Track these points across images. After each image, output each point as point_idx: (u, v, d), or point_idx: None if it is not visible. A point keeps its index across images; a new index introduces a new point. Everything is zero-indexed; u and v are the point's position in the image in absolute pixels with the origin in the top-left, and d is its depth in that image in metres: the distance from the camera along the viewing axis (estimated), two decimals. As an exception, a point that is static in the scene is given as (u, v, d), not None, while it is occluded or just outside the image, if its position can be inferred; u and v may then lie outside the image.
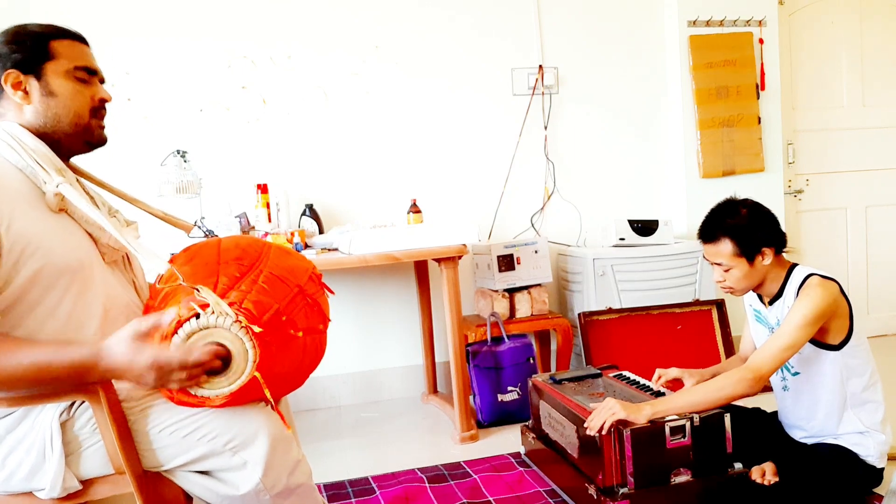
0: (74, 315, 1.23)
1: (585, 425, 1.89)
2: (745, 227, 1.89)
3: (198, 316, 1.14)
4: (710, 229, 1.93)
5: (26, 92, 1.28)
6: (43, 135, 1.30)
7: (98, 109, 1.36)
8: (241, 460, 1.27)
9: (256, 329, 1.18)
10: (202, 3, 3.03)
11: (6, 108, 1.30)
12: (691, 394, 1.87)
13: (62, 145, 1.33)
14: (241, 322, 1.16)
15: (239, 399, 1.23)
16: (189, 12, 3.02)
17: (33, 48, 1.29)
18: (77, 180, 1.37)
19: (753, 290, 2.01)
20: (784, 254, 1.96)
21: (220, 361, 1.16)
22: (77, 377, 1.14)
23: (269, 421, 1.30)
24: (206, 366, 1.14)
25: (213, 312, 1.15)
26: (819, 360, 1.91)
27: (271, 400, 1.25)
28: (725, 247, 1.89)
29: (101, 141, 1.39)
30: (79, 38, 1.35)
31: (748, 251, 1.88)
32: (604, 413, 1.84)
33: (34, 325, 1.20)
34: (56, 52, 1.30)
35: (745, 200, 1.95)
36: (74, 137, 1.33)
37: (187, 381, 1.14)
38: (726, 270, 1.92)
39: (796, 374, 1.97)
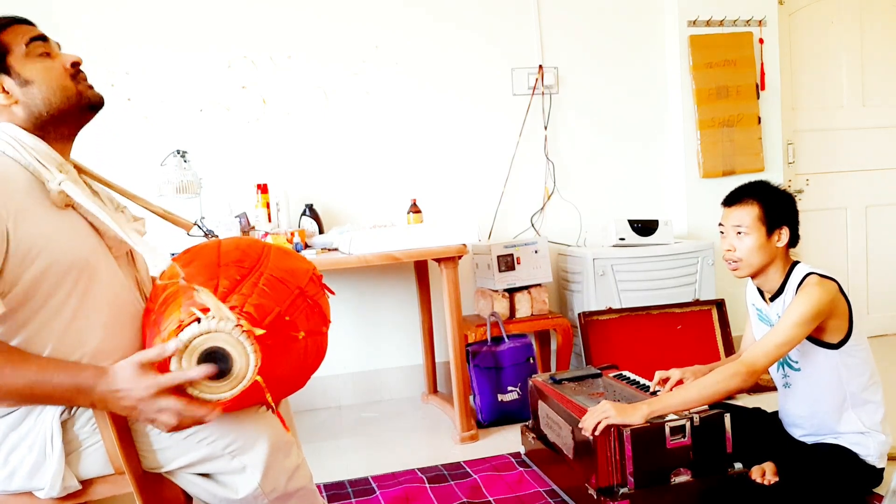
0: (80, 312, 1.22)
1: (581, 426, 1.89)
2: (775, 198, 1.94)
3: (199, 320, 1.14)
4: (740, 193, 1.98)
5: (6, 91, 1.26)
6: (42, 125, 1.27)
7: (76, 74, 1.31)
8: (241, 464, 1.27)
9: (258, 332, 1.17)
10: (202, 4, 3.03)
11: None
12: (687, 391, 1.87)
13: (66, 124, 1.30)
14: (242, 326, 1.16)
15: (239, 402, 1.23)
16: (189, 13, 3.02)
17: None
18: (80, 176, 1.36)
19: (754, 281, 2.03)
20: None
21: (220, 366, 1.16)
22: (70, 398, 1.15)
23: (269, 426, 1.30)
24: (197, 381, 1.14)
25: (214, 317, 1.14)
26: (818, 359, 1.91)
27: (272, 404, 1.25)
28: (752, 210, 1.92)
29: (99, 100, 1.34)
30: (16, 21, 1.30)
31: (771, 220, 1.91)
32: (597, 415, 1.85)
33: (40, 323, 1.19)
34: (7, 43, 1.26)
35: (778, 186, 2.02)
36: (73, 108, 1.29)
37: (182, 410, 1.13)
38: (741, 235, 1.93)
39: (798, 370, 1.97)
